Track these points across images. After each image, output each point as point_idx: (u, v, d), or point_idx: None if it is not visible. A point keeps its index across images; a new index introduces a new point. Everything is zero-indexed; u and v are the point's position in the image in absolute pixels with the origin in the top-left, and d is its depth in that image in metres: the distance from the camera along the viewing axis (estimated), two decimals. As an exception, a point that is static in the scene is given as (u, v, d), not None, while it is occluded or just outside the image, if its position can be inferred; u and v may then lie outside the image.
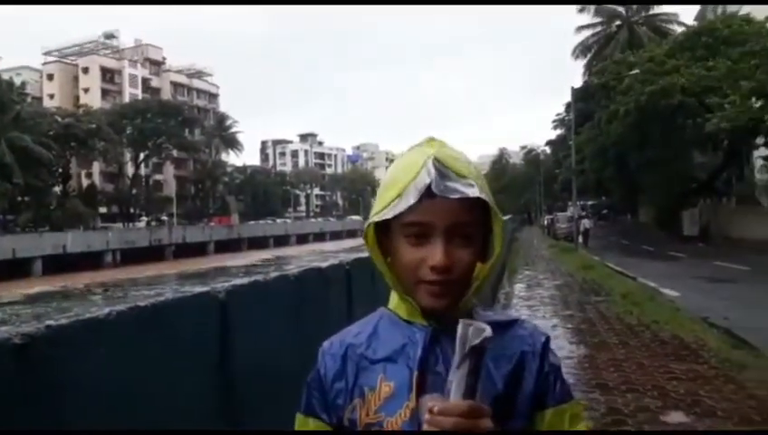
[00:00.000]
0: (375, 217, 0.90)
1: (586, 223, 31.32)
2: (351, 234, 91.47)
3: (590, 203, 61.67)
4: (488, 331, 0.79)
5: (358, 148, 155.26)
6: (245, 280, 1.38)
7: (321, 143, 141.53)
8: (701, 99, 25.43)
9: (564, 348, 7.12)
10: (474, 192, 0.86)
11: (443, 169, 0.86)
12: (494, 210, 0.90)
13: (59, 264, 38.95)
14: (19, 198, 53.88)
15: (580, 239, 26.55)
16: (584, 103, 37.04)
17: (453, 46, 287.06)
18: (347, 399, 0.91)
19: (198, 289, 1.22)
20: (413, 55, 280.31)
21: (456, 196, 0.85)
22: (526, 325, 0.96)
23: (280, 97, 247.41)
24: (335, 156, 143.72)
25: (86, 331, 0.88)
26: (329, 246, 57.48)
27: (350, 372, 0.92)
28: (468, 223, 0.88)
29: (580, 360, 6.59)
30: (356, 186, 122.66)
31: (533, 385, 0.91)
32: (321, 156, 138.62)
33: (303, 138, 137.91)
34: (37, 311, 0.94)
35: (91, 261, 42.10)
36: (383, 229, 0.92)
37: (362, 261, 2.15)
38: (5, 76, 58.58)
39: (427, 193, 0.85)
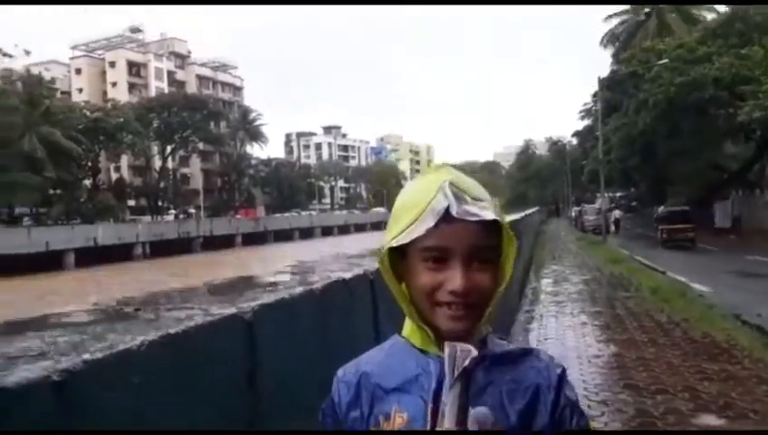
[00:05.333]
0: (392, 241, 0.89)
1: (617, 213, 30.96)
2: (376, 226, 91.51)
3: (618, 195, 60.70)
4: (473, 352, 0.82)
5: (382, 139, 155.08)
6: (272, 298, 1.38)
7: (344, 135, 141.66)
8: (733, 89, 24.73)
9: (592, 346, 7.05)
10: (490, 215, 0.86)
11: (459, 193, 0.86)
12: (506, 231, 0.90)
13: (91, 256, 39.86)
14: (51, 192, 55.21)
15: (612, 228, 26.11)
16: (611, 93, 36.34)
17: (478, 37, 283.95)
18: (363, 427, 0.91)
19: (226, 310, 1.22)
20: (438, 46, 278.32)
21: (474, 219, 0.85)
22: (542, 356, 0.95)
23: (304, 90, 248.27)
24: (359, 148, 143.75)
25: (120, 363, 0.89)
26: (353, 242, 57.34)
27: (365, 402, 0.92)
28: (486, 247, 0.88)
29: (608, 359, 6.51)
30: (380, 178, 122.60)
31: (548, 420, 0.89)
32: (344, 148, 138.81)
33: (327, 130, 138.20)
34: (73, 339, 0.96)
35: (121, 253, 42.98)
36: (398, 254, 0.91)
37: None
38: (35, 71, 59.92)
39: (445, 217, 0.85)
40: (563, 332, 7.51)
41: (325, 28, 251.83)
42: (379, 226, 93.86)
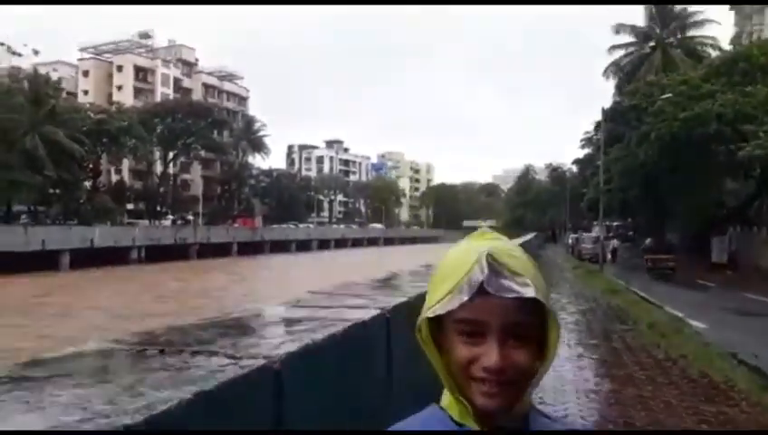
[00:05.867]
0: (428, 312, 0.88)
1: (614, 243, 31.14)
2: (372, 242, 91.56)
3: (615, 224, 60.86)
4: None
5: (383, 156, 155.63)
6: (296, 346, 1.37)
7: (346, 150, 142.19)
8: (736, 126, 24.95)
9: (590, 380, 7.01)
10: (529, 292, 0.83)
11: (497, 266, 0.83)
12: (551, 313, 0.86)
13: (86, 257, 39.73)
14: (50, 191, 55.11)
15: (609, 257, 26.17)
16: (614, 123, 36.63)
17: (482, 60, 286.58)
18: None
19: (254, 360, 1.22)
20: (441, 67, 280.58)
21: (511, 295, 0.82)
22: None
23: (309, 103, 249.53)
24: (360, 163, 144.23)
25: (162, 424, 0.88)
26: (352, 260, 57.17)
27: None
28: (523, 323, 0.84)
29: (606, 394, 6.47)
30: (380, 194, 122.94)
31: None
32: (345, 163, 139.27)
33: (329, 144, 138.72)
34: (107, 392, 0.95)
35: (117, 256, 42.88)
36: (436, 322, 0.89)
37: (399, 308, 2.14)
38: (42, 70, 60.11)
39: (481, 290, 0.83)
40: (561, 363, 7.46)
41: (334, 44, 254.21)
42: (376, 241, 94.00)
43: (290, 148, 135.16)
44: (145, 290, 29.49)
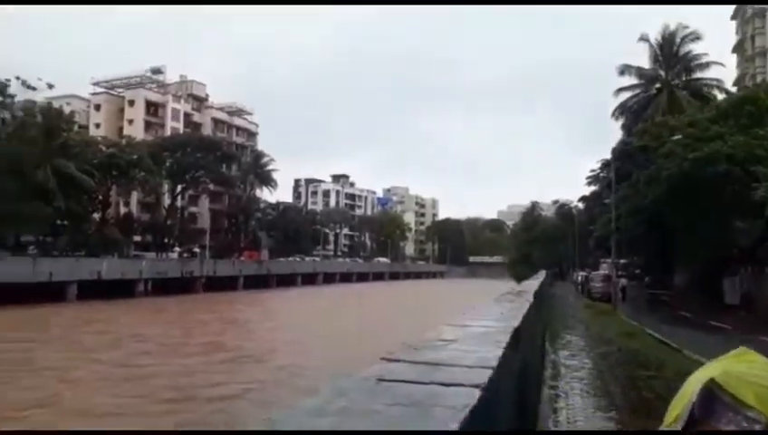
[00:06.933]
0: (662, 426, 0.88)
1: (623, 281, 31.20)
2: (378, 276, 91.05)
3: (622, 261, 60.70)
4: None
5: (388, 190, 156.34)
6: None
7: (352, 184, 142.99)
8: (746, 167, 25.15)
9: None
10: (755, 426, 0.75)
11: (719, 395, 0.79)
12: None
13: (93, 290, 39.69)
14: (59, 222, 55.41)
15: (619, 295, 26.05)
16: (621, 162, 36.97)
17: (487, 95, 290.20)
18: None
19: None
20: (445, 103, 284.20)
21: (729, 427, 0.76)
22: None
23: (315, 138, 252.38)
24: (365, 197, 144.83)
25: None
26: (363, 291, 56.86)
27: None
28: None
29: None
30: (385, 228, 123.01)
31: None
32: (351, 197, 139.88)
33: (336, 178, 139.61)
34: None
35: (123, 289, 42.82)
36: None
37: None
38: (56, 104, 61.11)
39: (702, 420, 0.79)
40: (592, 414, 7.40)
41: (340, 82, 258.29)
42: (381, 276, 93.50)
43: (297, 182, 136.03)
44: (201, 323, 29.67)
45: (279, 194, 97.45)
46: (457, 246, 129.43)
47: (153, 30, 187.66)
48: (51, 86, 65.26)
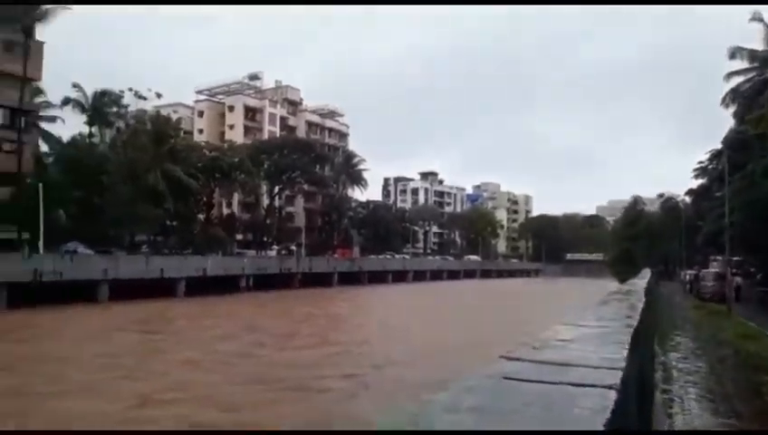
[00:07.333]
0: None
1: (738, 280, 28.97)
2: (469, 274, 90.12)
3: (735, 259, 56.30)
4: None
5: (478, 187, 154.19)
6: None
7: (441, 182, 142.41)
8: None
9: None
10: None
11: None
12: None
13: (200, 285, 42.23)
14: (168, 223, 59.52)
15: (733, 295, 24.14)
16: (733, 152, 34.21)
17: (583, 87, 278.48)
18: None
19: None
20: (539, 96, 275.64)
21: None
22: None
23: (403, 136, 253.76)
24: (455, 195, 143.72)
25: None
26: (456, 289, 56.49)
27: None
28: None
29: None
30: (475, 225, 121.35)
31: None
32: (440, 194, 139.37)
33: (424, 176, 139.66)
34: None
35: (227, 284, 45.23)
36: None
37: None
38: (164, 112, 65.63)
39: None
40: (710, 419, 6.91)
41: (428, 78, 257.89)
42: (473, 274, 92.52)
43: (386, 180, 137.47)
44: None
45: (369, 193, 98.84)
46: (553, 244, 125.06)
47: (249, 38, 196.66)
48: (159, 95, 70.33)
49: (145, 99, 64.64)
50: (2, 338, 21.68)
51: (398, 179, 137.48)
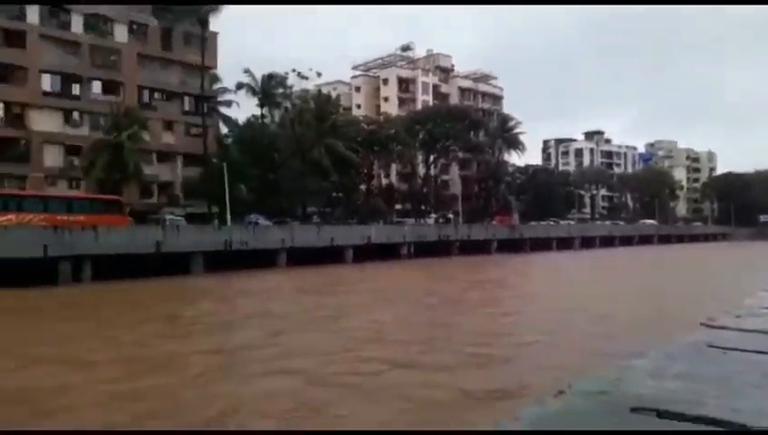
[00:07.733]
0: None
1: None
2: (645, 240, 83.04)
3: None
4: None
5: (652, 145, 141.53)
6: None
7: (608, 141, 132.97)
8: None
9: None
10: None
11: None
12: None
13: (365, 253, 44.32)
14: (334, 195, 63.14)
15: None
16: None
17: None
18: None
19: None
20: (713, 48, 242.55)
21: None
22: None
23: (563, 96, 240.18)
24: (625, 154, 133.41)
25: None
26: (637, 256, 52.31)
27: None
28: None
29: None
30: (650, 187, 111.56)
31: None
32: (608, 154, 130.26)
33: (589, 136, 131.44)
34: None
35: (390, 251, 46.90)
36: None
37: None
38: (324, 90, 69.12)
39: None
40: None
41: (590, 34, 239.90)
42: (649, 239, 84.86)
43: (545, 143, 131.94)
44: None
45: (527, 157, 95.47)
46: (744, 205, 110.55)
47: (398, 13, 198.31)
48: (319, 74, 74.29)
49: (306, 78, 68.66)
50: (246, 295, 25.86)
51: (559, 141, 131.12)
